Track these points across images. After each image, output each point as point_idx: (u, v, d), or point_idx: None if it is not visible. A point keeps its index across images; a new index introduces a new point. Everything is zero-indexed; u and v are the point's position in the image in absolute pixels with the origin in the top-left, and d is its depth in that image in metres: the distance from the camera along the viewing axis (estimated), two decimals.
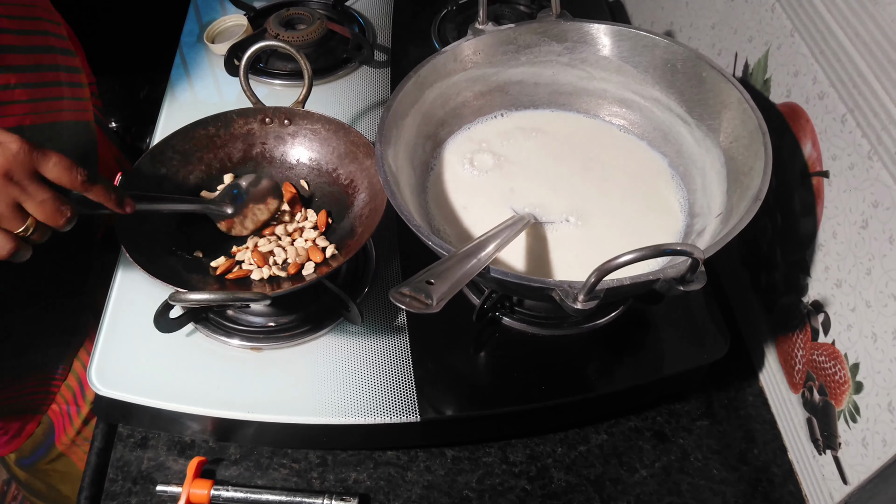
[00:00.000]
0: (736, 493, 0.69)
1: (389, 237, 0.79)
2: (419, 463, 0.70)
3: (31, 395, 0.88)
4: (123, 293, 0.75)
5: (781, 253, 0.72)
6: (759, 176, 0.60)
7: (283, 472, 0.70)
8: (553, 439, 0.72)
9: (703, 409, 0.75)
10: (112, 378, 0.68)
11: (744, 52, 0.76)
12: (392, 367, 0.69)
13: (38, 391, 0.89)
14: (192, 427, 0.70)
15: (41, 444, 0.94)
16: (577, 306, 0.52)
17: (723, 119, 0.69)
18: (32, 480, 1.00)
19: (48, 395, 0.91)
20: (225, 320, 0.72)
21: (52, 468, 0.97)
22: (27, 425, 0.90)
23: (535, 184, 0.74)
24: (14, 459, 0.95)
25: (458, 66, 0.75)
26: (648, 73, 0.75)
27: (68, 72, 0.78)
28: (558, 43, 0.76)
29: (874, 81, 0.55)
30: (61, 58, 0.77)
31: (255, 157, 0.78)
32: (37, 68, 0.73)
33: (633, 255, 0.49)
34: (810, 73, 0.64)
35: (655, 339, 0.74)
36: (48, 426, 0.93)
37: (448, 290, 0.50)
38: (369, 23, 1.07)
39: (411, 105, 0.71)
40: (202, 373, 0.69)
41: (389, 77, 0.98)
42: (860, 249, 0.59)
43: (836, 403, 0.63)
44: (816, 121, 0.64)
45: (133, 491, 0.69)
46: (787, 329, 0.71)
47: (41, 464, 0.96)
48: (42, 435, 0.93)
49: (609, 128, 0.80)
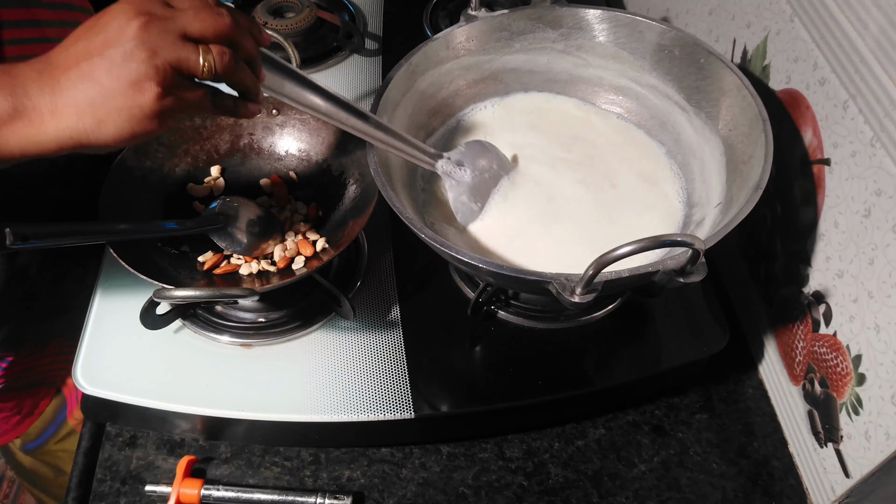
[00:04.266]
0: (736, 487, 0.68)
1: (382, 230, 0.78)
2: (414, 460, 0.69)
3: (50, 365, 0.87)
4: (109, 289, 0.73)
5: (781, 243, 0.71)
6: (759, 164, 0.59)
7: (276, 471, 0.68)
8: (550, 434, 0.71)
9: (702, 402, 0.74)
10: (98, 377, 0.67)
11: (742, 38, 0.75)
12: (386, 362, 0.68)
13: (58, 359, 0.87)
14: (181, 426, 0.69)
15: (50, 422, 0.92)
16: (574, 299, 0.51)
17: (721, 106, 0.68)
18: (38, 466, 0.99)
19: (66, 365, 0.89)
20: (214, 316, 0.71)
21: (60, 448, 0.96)
22: (41, 402, 0.89)
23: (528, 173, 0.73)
24: (19, 445, 0.94)
25: (450, 53, 0.73)
26: (645, 60, 0.73)
27: None
28: (553, 29, 0.75)
29: (876, 66, 0.54)
30: (82, 15, 0.75)
31: (242, 149, 0.76)
32: (61, 24, 0.71)
33: (631, 246, 0.48)
34: (811, 58, 0.62)
35: (653, 331, 0.73)
36: (59, 403, 0.92)
37: None
38: (360, 10, 1.05)
39: (403, 94, 0.70)
40: (191, 370, 0.67)
41: (381, 66, 0.97)
42: (862, 239, 0.58)
43: (837, 396, 0.62)
44: (817, 107, 0.63)
45: (122, 491, 0.67)
46: (788, 320, 0.70)
47: (50, 444, 0.95)
48: (52, 413, 0.91)
49: (606, 116, 0.78)
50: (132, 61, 0.44)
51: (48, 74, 0.45)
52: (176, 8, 0.47)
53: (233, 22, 0.48)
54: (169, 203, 0.71)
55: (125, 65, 0.44)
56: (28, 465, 0.99)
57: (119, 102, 0.45)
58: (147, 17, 0.45)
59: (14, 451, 0.96)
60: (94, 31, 0.45)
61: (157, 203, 0.71)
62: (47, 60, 0.46)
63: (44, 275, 0.78)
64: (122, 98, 0.44)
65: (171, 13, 0.46)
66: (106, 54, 0.44)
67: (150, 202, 0.70)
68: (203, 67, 0.47)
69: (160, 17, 0.45)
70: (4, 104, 0.44)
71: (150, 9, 0.45)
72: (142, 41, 0.44)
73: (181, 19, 0.46)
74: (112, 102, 0.45)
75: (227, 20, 0.47)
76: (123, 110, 0.45)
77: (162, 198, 0.71)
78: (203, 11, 0.47)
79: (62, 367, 0.89)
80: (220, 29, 0.47)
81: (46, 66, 0.45)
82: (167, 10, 0.46)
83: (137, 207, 0.68)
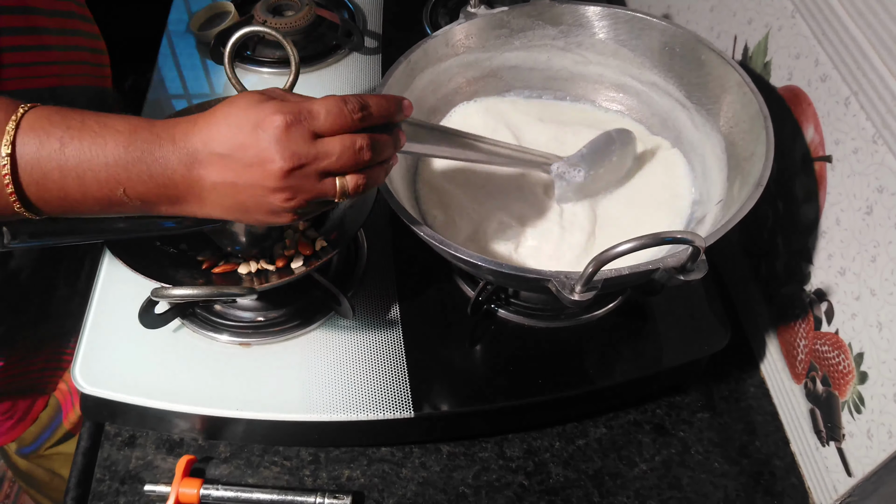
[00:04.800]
0: (737, 486, 0.68)
1: (382, 228, 0.78)
2: (414, 459, 0.69)
3: (42, 370, 0.87)
4: (108, 288, 0.73)
5: (783, 241, 0.70)
6: (760, 161, 0.59)
7: (275, 470, 0.68)
8: (551, 433, 0.71)
9: (703, 401, 0.74)
10: (97, 376, 0.67)
11: (743, 34, 0.74)
12: (385, 361, 0.68)
13: (49, 365, 0.87)
14: (180, 425, 0.69)
15: (46, 427, 0.92)
16: (574, 297, 0.50)
17: (722, 103, 0.67)
18: (33, 469, 0.99)
19: (58, 371, 0.89)
20: (213, 315, 0.71)
21: (55, 451, 0.95)
22: (34, 406, 0.89)
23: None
24: (14, 449, 0.94)
25: (449, 50, 0.73)
26: (646, 57, 0.73)
27: (88, 38, 0.77)
28: (553, 26, 0.74)
29: (878, 63, 0.53)
30: (82, 24, 0.76)
31: None
32: (61, 32, 0.71)
33: (631, 243, 0.48)
34: (812, 55, 0.62)
35: (654, 330, 0.72)
36: (54, 409, 0.91)
37: None
38: (359, 8, 1.05)
39: (402, 91, 0.69)
40: (190, 369, 0.67)
41: (380, 64, 0.96)
42: (864, 236, 0.57)
43: (839, 394, 0.62)
44: (819, 104, 0.62)
45: (121, 491, 0.67)
46: (789, 319, 0.70)
47: (44, 448, 0.94)
48: (47, 419, 0.91)
49: (606, 113, 0.78)
50: (274, 200, 0.48)
51: (195, 171, 0.47)
52: (321, 143, 0.47)
53: (371, 154, 0.49)
54: None
55: (267, 200, 0.48)
56: (24, 469, 0.99)
57: (259, 217, 0.50)
58: (293, 163, 0.46)
59: (10, 454, 0.96)
60: (240, 150, 0.46)
61: None
62: (189, 147, 0.47)
63: (35, 281, 0.78)
64: (261, 216, 0.49)
65: (314, 154, 0.47)
66: (250, 184, 0.47)
67: None
68: (339, 196, 0.49)
69: (305, 163, 0.47)
70: (154, 189, 0.47)
71: (298, 151, 0.46)
72: (285, 186, 0.47)
73: (324, 162, 0.47)
74: (252, 216, 0.50)
75: (366, 156, 0.49)
76: (262, 222, 0.51)
77: None
78: (346, 152, 0.48)
79: (54, 373, 0.89)
80: (361, 163, 0.49)
81: (189, 157, 0.47)
82: (311, 148, 0.47)
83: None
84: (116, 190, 0.46)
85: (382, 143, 0.50)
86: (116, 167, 0.46)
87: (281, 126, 0.45)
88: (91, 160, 0.45)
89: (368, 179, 0.50)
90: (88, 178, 0.46)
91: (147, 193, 0.47)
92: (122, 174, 0.46)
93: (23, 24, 0.66)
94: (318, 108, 0.47)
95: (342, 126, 0.48)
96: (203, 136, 0.47)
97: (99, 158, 0.45)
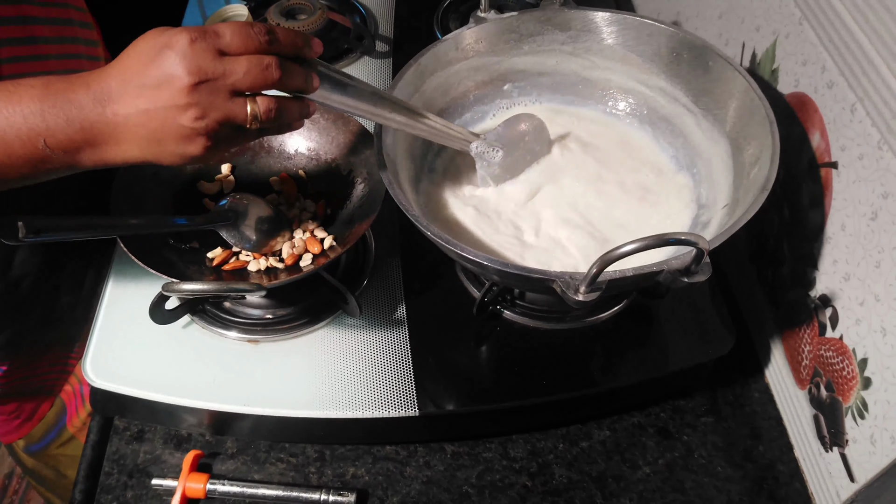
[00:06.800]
0: (741, 490, 0.68)
1: (390, 229, 0.78)
2: (418, 458, 0.69)
3: (47, 374, 0.87)
4: (119, 283, 0.74)
5: (788, 246, 0.71)
6: (766, 167, 0.59)
7: (281, 467, 0.69)
8: (555, 435, 0.71)
9: (707, 405, 0.74)
10: (107, 370, 0.68)
11: (751, 41, 0.75)
12: (391, 360, 0.68)
13: (54, 369, 0.88)
14: (188, 420, 0.69)
15: (52, 427, 0.93)
16: (578, 298, 0.51)
17: (729, 109, 0.68)
18: (40, 468, 1.00)
19: (63, 374, 0.90)
20: (222, 312, 0.71)
21: (61, 452, 0.96)
22: (40, 407, 0.90)
23: (534, 173, 0.73)
24: (22, 446, 0.95)
25: (459, 54, 0.74)
26: (654, 63, 0.73)
27: (87, 45, 0.78)
28: (562, 31, 0.75)
29: (885, 70, 0.54)
30: (80, 31, 0.77)
31: (252, 147, 0.77)
32: (60, 40, 0.72)
33: (636, 244, 0.48)
34: (819, 62, 0.62)
35: (659, 334, 0.73)
36: (60, 408, 0.92)
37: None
38: (371, 13, 1.06)
39: (411, 94, 0.70)
40: (199, 365, 0.68)
41: (391, 68, 0.97)
42: (869, 242, 0.58)
43: (843, 400, 0.62)
44: (825, 110, 0.62)
45: (129, 484, 0.68)
46: (794, 324, 0.70)
47: (51, 448, 0.95)
48: (54, 418, 0.92)
49: (613, 118, 0.78)
50: (184, 120, 0.48)
51: (109, 108, 0.48)
52: (227, 60, 0.48)
53: (281, 73, 0.50)
54: (179, 199, 0.72)
55: (177, 121, 0.48)
56: (31, 466, 0.99)
57: (173, 148, 0.50)
58: (199, 76, 0.47)
59: (18, 451, 0.96)
60: (149, 74, 0.47)
61: (167, 199, 0.72)
62: (103, 86, 0.48)
63: (38, 289, 0.79)
64: (174, 145, 0.50)
65: (221, 69, 0.48)
66: (160, 106, 0.48)
67: (160, 198, 0.71)
68: (249, 120, 0.50)
69: (211, 77, 0.48)
70: (73, 134, 0.48)
71: (203, 65, 0.47)
72: (193, 102, 0.48)
73: (231, 78, 0.48)
74: (167, 147, 0.50)
75: (274, 74, 0.49)
76: (177, 154, 0.50)
77: (172, 194, 0.72)
78: (254, 69, 0.49)
79: (59, 377, 0.90)
80: (269, 81, 0.50)
81: (103, 95, 0.48)
82: (218, 63, 0.48)
83: (148, 203, 0.69)
84: (38, 142, 0.47)
85: (292, 69, 0.51)
86: (34, 117, 0.47)
87: (185, 42, 0.47)
88: (8, 117, 0.47)
89: (281, 109, 0.51)
90: (10, 136, 0.47)
91: (67, 141, 0.48)
92: (41, 124, 0.47)
93: (21, 34, 0.67)
94: (224, 28, 0.48)
95: (248, 46, 0.49)
96: (114, 73, 0.48)
97: (17, 115, 0.47)
